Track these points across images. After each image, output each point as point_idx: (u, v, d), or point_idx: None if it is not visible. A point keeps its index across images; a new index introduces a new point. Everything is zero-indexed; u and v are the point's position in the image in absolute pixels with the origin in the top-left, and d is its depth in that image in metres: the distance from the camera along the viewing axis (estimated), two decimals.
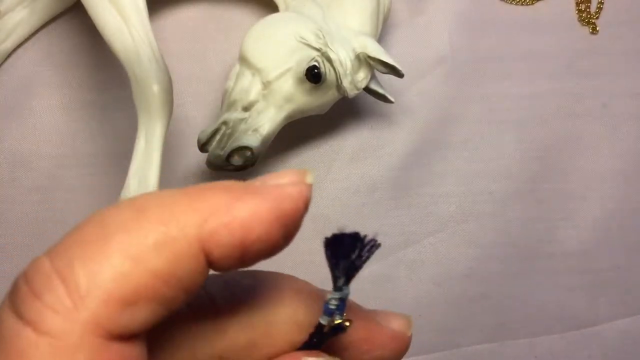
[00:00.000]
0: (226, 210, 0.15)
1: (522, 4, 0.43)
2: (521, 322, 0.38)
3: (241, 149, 0.32)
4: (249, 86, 0.33)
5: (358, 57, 0.34)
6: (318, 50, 0.33)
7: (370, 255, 0.18)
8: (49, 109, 0.39)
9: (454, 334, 0.38)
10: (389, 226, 0.38)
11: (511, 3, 0.43)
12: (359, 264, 0.18)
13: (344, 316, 0.18)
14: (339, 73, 0.34)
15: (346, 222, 0.38)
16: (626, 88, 0.41)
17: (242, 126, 0.33)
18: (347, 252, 0.17)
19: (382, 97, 0.37)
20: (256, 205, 0.16)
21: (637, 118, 0.41)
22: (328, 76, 0.34)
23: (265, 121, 0.33)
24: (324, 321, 0.18)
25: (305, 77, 0.33)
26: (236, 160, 0.33)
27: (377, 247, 0.18)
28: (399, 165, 0.39)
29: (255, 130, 0.33)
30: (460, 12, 0.42)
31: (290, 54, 0.33)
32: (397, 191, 0.39)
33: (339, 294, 0.18)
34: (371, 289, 0.37)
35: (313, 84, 0.33)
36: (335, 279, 0.18)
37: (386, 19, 0.38)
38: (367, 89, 0.36)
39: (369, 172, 0.39)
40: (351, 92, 0.35)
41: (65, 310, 0.14)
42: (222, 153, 0.33)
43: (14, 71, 0.39)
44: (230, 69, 0.35)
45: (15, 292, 0.15)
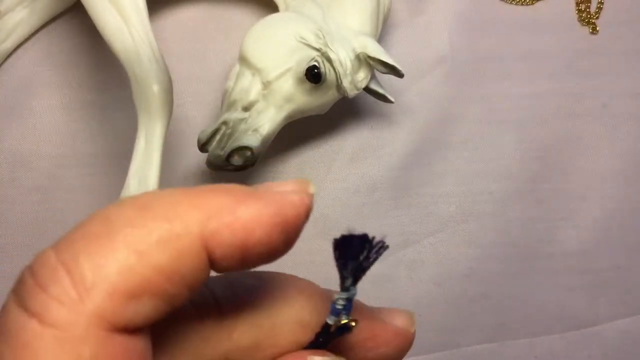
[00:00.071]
0: (229, 211, 0.16)
1: (522, 4, 0.43)
2: (521, 322, 0.38)
3: (241, 149, 0.32)
4: (249, 86, 0.33)
5: (358, 57, 0.34)
6: (318, 50, 0.33)
7: (378, 256, 0.18)
8: (49, 109, 0.39)
9: (454, 334, 0.38)
10: (389, 226, 0.38)
11: (511, 3, 0.43)
12: (366, 265, 0.18)
13: (350, 316, 0.18)
14: (339, 73, 0.34)
15: (346, 222, 0.38)
16: (626, 88, 0.41)
17: (242, 126, 0.33)
18: (355, 253, 0.18)
19: (382, 97, 0.37)
20: (259, 209, 0.16)
21: (637, 118, 0.41)
22: (328, 76, 0.34)
23: (265, 121, 0.33)
24: (330, 321, 0.18)
25: (305, 77, 0.33)
26: (236, 160, 0.33)
27: (385, 249, 0.18)
28: (399, 165, 0.39)
29: (255, 130, 0.33)
30: (460, 12, 0.42)
31: (290, 54, 0.33)
32: (397, 191, 0.39)
33: (346, 294, 0.18)
34: (371, 289, 0.37)
35: (313, 84, 0.33)
36: (343, 279, 0.18)
37: (386, 19, 0.38)
38: (367, 89, 0.36)
39: (369, 172, 0.39)
40: (351, 92, 0.35)
41: (71, 302, 0.14)
42: (222, 153, 0.32)
43: (14, 71, 0.39)
44: (230, 69, 0.35)
45: (21, 285, 0.15)
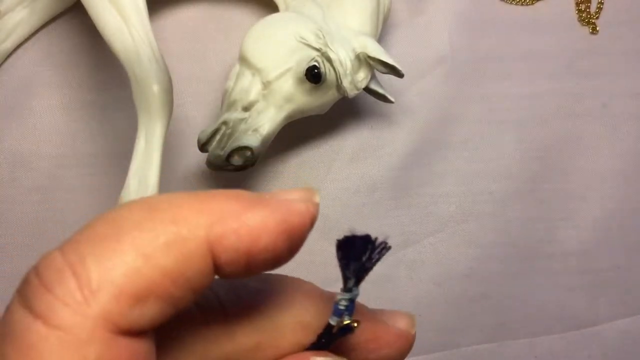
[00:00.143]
0: (236, 217, 0.16)
1: (522, 4, 0.43)
2: (521, 322, 0.38)
3: (241, 149, 0.32)
4: (249, 86, 0.33)
5: (358, 57, 0.34)
6: (318, 50, 0.33)
7: (380, 257, 0.18)
8: (49, 109, 0.39)
9: (454, 334, 0.38)
10: (389, 226, 0.38)
11: (511, 3, 0.43)
12: (369, 265, 0.18)
13: (352, 317, 0.18)
14: (339, 73, 0.34)
15: (346, 222, 0.38)
16: (626, 88, 0.41)
17: (242, 126, 0.33)
18: (358, 254, 0.18)
19: (382, 97, 0.37)
20: (265, 215, 0.16)
21: (637, 118, 0.41)
22: (328, 76, 0.34)
23: (265, 121, 0.33)
24: (333, 322, 0.18)
25: (305, 77, 0.33)
26: (236, 160, 0.33)
27: (387, 249, 0.18)
28: (399, 165, 0.39)
29: (255, 130, 0.33)
30: (460, 12, 0.42)
31: (290, 54, 0.33)
32: (397, 191, 0.39)
33: (349, 295, 0.18)
34: (371, 289, 0.37)
35: (313, 84, 0.33)
36: (346, 280, 0.18)
37: (386, 19, 0.38)
38: (367, 89, 0.36)
39: (369, 172, 0.39)
40: (351, 92, 0.35)
41: (76, 304, 0.14)
42: (222, 153, 0.32)
43: (14, 71, 0.39)
44: (230, 69, 0.35)
45: (26, 286, 0.15)
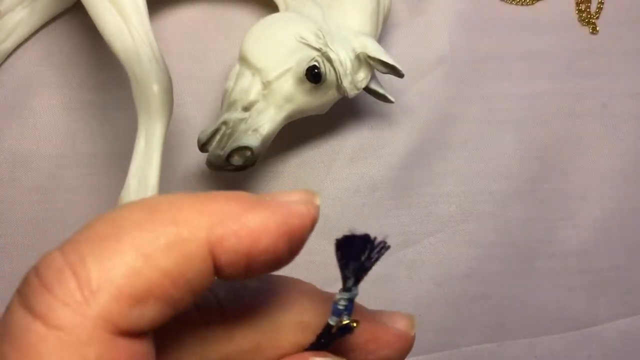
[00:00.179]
0: (237, 218, 0.16)
1: (522, 4, 0.43)
2: (521, 322, 0.38)
3: (241, 149, 0.32)
4: (249, 86, 0.33)
5: (358, 57, 0.34)
6: (318, 50, 0.33)
7: (379, 257, 0.18)
8: (49, 109, 0.39)
9: (454, 334, 0.38)
10: (389, 226, 0.38)
11: (511, 3, 0.43)
12: (368, 265, 0.18)
13: (352, 317, 0.18)
14: (339, 73, 0.34)
15: (346, 222, 0.38)
16: (626, 88, 0.41)
17: (242, 126, 0.33)
18: (357, 254, 0.18)
19: (382, 97, 0.37)
20: (266, 217, 0.16)
21: (637, 118, 0.41)
22: (328, 76, 0.34)
23: (265, 121, 0.33)
24: (332, 322, 0.18)
25: (305, 77, 0.33)
26: (236, 160, 0.33)
27: (386, 249, 0.18)
28: (399, 165, 0.39)
29: (255, 130, 0.33)
30: (460, 12, 0.42)
31: (290, 54, 0.33)
32: (397, 191, 0.39)
33: (348, 295, 0.18)
34: (371, 289, 0.37)
35: (313, 84, 0.33)
36: (345, 279, 0.18)
37: (386, 19, 0.38)
38: (367, 89, 0.36)
39: (369, 172, 0.39)
40: (351, 92, 0.35)
41: (76, 304, 0.14)
42: (222, 153, 0.32)
43: (14, 71, 0.39)
44: (230, 69, 0.35)
45: (26, 286, 0.15)
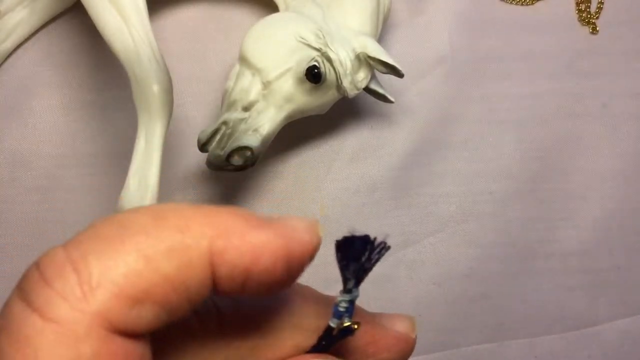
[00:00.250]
0: (240, 233, 0.16)
1: (522, 4, 0.43)
2: (521, 322, 0.38)
3: (241, 149, 0.32)
4: (249, 86, 0.33)
5: (358, 57, 0.34)
6: (318, 50, 0.33)
7: (380, 257, 0.18)
8: (49, 109, 0.39)
9: (454, 334, 0.38)
10: (389, 226, 0.38)
11: (511, 3, 0.43)
12: (368, 266, 0.18)
13: (352, 319, 0.18)
14: (339, 73, 0.34)
15: (346, 223, 0.38)
16: (626, 88, 0.41)
17: (242, 126, 0.33)
18: (357, 255, 0.18)
19: (382, 97, 0.37)
20: (269, 238, 0.16)
21: (637, 118, 0.41)
22: (328, 76, 0.34)
23: (265, 121, 0.33)
24: (333, 324, 0.18)
25: (305, 77, 0.33)
26: (236, 160, 0.33)
27: (386, 250, 0.18)
28: (399, 165, 0.39)
29: (255, 130, 0.33)
30: (460, 12, 0.42)
31: (290, 54, 0.33)
32: (397, 191, 0.39)
33: (348, 296, 0.18)
34: (371, 289, 0.37)
35: (313, 84, 0.33)
36: (346, 281, 0.18)
37: (386, 19, 0.38)
38: (367, 89, 0.36)
39: (369, 172, 0.39)
40: (351, 92, 0.35)
41: (75, 299, 0.14)
42: (222, 153, 0.32)
43: (14, 71, 0.39)
44: (230, 69, 0.35)
45: (26, 280, 0.15)
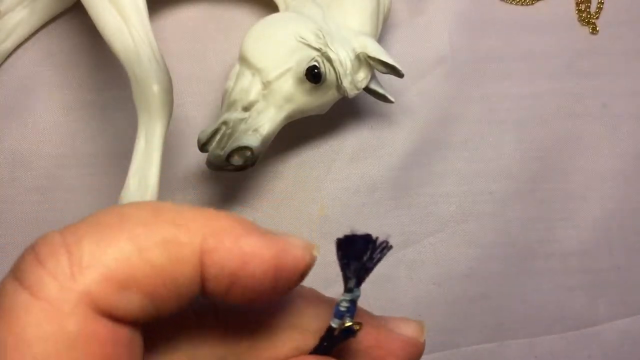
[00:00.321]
0: (234, 237, 0.16)
1: (522, 4, 0.43)
2: (521, 322, 0.38)
3: (241, 149, 0.32)
4: (249, 86, 0.33)
5: (358, 57, 0.34)
6: (318, 50, 0.33)
7: (381, 257, 0.18)
8: (49, 109, 0.39)
9: (453, 334, 0.38)
10: (389, 226, 0.38)
11: (511, 3, 0.43)
12: (370, 265, 0.18)
13: (354, 320, 0.18)
14: (339, 73, 0.34)
15: (346, 223, 0.38)
16: (626, 88, 0.41)
17: (242, 126, 0.33)
18: (358, 254, 0.17)
19: (382, 97, 0.37)
20: (261, 246, 0.16)
21: (637, 118, 0.41)
22: (328, 76, 0.34)
23: (265, 121, 0.33)
24: (334, 324, 0.18)
25: (305, 77, 0.33)
26: (236, 160, 0.33)
27: (388, 249, 0.18)
28: (399, 165, 0.39)
29: (255, 130, 0.33)
30: (460, 12, 0.42)
31: (290, 54, 0.33)
32: (397, 191, 0.39)
33: (350, 296, 0.18)
34: (371, 289, 0.37)
35: (313, 84, 0.33)
36: (347, 280, 0.18)
37: (386, 19, 0.38)
38: (367, 89, 0.36)
39: (369, 172, 0.39)
40: (351, 92, 0.35)
41: (64, 278, 0.15)
42: (222, 153, 0.32)
43: (14, 71, 0.39)
44: (230, 69, 0.35)
45: (21, 260, 0.16)
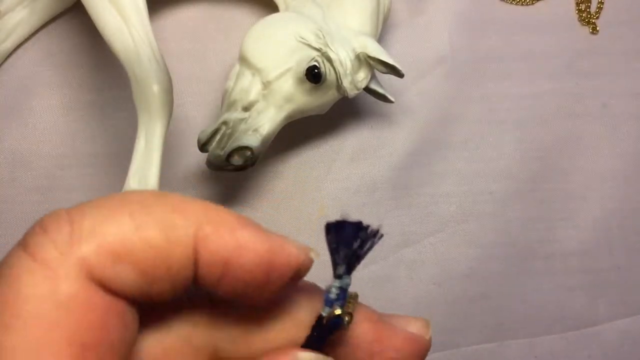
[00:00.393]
0: (230, 228, 0.17)
1: (522, 4, 0.43)
2: (521, 322, 0.38)
3: (241, 149, 0.32)
4: (249, 86, 0.33)
5: (358, 57, 0.34)
6: (318, 50, 0.33)
7: (373, 245, 0.18)
8: (49, 109, 0.39)
9: (454, 334, 0.38)
10: (389, 226, 0.38)
11: (511, 3, 0.43)
12: (360, 253, 0.18)
13: (346, 308, 0.18)
14: (339, 73, 0.34)
15: None
16: (626, 88, 0.41)
17: (242, 126, 0.33)
18: (348, 240, 0.17)
19: (382, 97, 0.37)
20: (256, 238, 0.17)
21: (637, 118, 0.41)
22: (328, 76, 0.34)
23: (265, 121, 0.33)
24: (324, 313, 0.18)
25: (305, 77, 0.33)
26: (236, 160, 0.33)
27: (379, 238, 0.18)
28: (399, 165, 0.39)
29: (255, 130, 0.33)
30: (460, 12, 0.42)
31: (290, 54, 0.33)
32: (397, 191, 0.39)
33: (339, 283, 0.18)
34: (371, 289, 0.37)
35: (313, 84, 0.33)
36: (335, 266, 0.18)
37: (386, 19, 0.38)
38: (367, 89, 0.36)
39: (369, 172, 0.39)
40: (351, 92, 0.35)
41: (63, 244, 0.16)
42: (222, 153, 0.32)
43: (14, 71, 0.39)
44: (230, 69, 0.35)
45: (29, 231, 0.17)
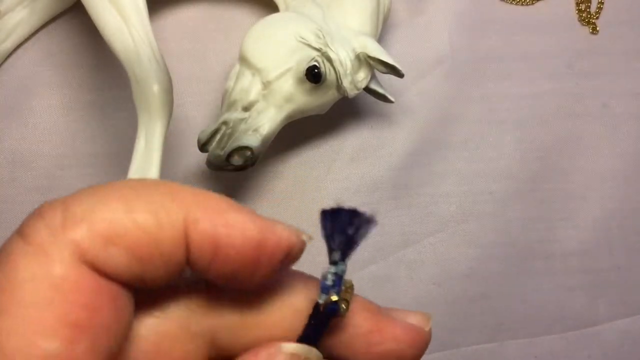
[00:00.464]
0: (220, 211, 0.17)
1: (522, 4, 0.43)
2: (521, 322, 0.38)
3: (241, 149, 0.32)
4: (249, 86, 0.33)
5: (358, 57, 0.34)
6: (318, 50, 0.33)
7: (367, 231, 0.18)
8: (49, 109, 0.39)
9: (454, 334, 0.38)
10: (389, 226, 0.38)
11: (511, 3, 0.43)
12: (356, 239, 0.18)
13: (342, 295, 0.18)
14: (339, 73, 0.34)
15: None
16: (626, 88, 0.41)
17: (242, 126, 0.33)
18: (343, 226, 0.18)
19: (382, 97, 0.37)
20: (246, 220, 0.17)
21: (637, 118, 0.41)
22: (328, 76, 0.34)
23: (265, 121, 0.33)
24: (320, 300, 0.18)
25: (305, 77, 0.33)
26: (236, 160, 0.33)
27: (374, 224, 0.18)
28: (399, 165, 0.39)
29: (256, 130, 0.33)
30: (460, 12, 0.42)
31: (290, 54, 0.33)
32: (397, 191, 0.39)
33: (334, 269, 0.18)
34: (371, 289, 0.37)
35: (313, 84, 0.33)
36: (330, 251, 0.18)
37: (386, 19, 0.38)
38: (367, 89, 0.36)
39: (369, 172, 0.39)
40: (351, 92, 0.35)
41: (56, 228, 0.16)
42: (222, 153, 0.32)
43: (14, 71, 0.39)
44: (230, 69, 0.35)
45: (27, 219, 0.17)
